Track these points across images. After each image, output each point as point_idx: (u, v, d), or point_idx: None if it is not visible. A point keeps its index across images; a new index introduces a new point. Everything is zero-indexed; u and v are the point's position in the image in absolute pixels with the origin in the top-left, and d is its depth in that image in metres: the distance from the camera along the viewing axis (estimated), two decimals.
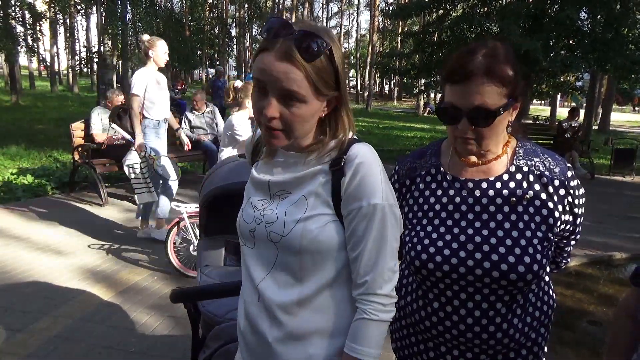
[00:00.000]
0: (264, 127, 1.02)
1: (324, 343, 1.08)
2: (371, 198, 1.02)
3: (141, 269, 4.04)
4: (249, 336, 1.15)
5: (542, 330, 1.31)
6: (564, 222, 1.25)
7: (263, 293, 1.09)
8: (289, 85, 0.96)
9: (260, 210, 1.11)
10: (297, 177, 1.08)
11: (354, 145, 1.06)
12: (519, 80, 1.17)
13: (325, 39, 0.98)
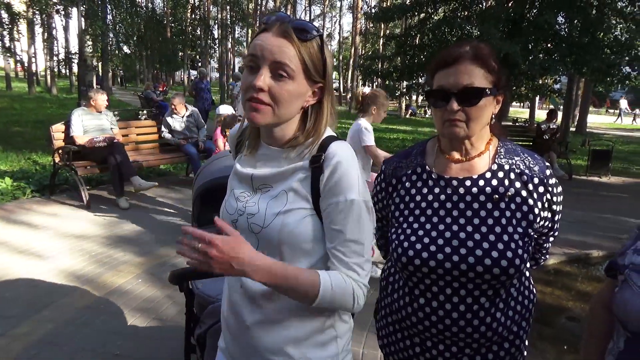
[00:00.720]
0: (249, 102, 1.06)
1: (300, 326, 1.15)
2: (348, 194, 1.08)
3: (125, 271, 4.00)
4: (231, 321, 1.22)
5: (524, 323, 1.35)
6: (543, 219, 1.31)
7: (245, 281, 1.14)
8: (282, 58, 1.03)
9: (242, 202, 1.17)
10: (279, 172, 1.13)
11: (332, 144, 1.11)
12: (502, 75, 1.24)
13: (317, 30, 1.07)
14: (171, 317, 3.28)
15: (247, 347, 1.18)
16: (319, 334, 1.17)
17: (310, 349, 1.16)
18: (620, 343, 1.06)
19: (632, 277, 1.04)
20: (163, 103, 16.63)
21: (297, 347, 1.15)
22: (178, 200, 6.38)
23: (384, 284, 1.48)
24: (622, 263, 1.11)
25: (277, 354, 1.15)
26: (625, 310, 1.02)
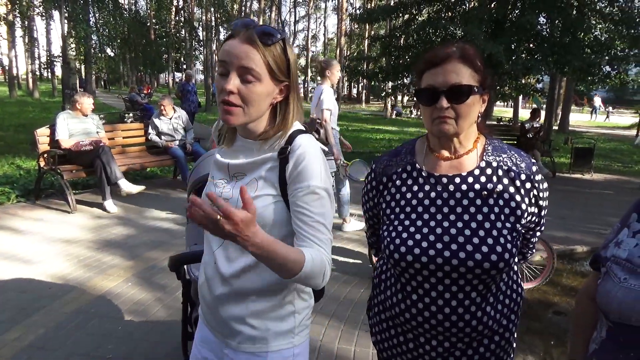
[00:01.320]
0: (222, 103, 1.17)
1: (261, 301, 1.30)
2: (311, 181, 1.20)
3: (114, 275, 3.98)
4: (204, 290, 1.38)
5: (513, 317, 1.39)
6: (530, 214, 1.34)
7: (217, 259, 1.31)
8: (248, 63, 1.14)
9: (220, 188, 1.31)
10: (251, 162, 1.27)
11: (298, 137, 1.24)
12: (487, 75, 1.29)
13: (280, 33, 1.18)
14: (162, 319, 3.28)
15: (218, 316, 1.34)
16: (278, 308, 1.32)
17: (270, 321, 1.31)
18: (602, 332, 1.10)
19: (613, 269, 1.08)
20: (148, 106, 16.53)
21: (258, 319, 1.30)
22: (165, 203, 6.35)
23: (377, 281, 1.50)
24: (605, 255, 1.16)
25: (241, 323, 1.31)
26: (606, 300, 1.05)
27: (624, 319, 1.00)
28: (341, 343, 3.07)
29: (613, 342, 1.05)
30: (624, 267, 1.06)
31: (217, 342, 1.39)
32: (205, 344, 1.43)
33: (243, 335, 1.31)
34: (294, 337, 1.35)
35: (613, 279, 1.06)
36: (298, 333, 1.36)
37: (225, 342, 1.35)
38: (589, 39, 10.82)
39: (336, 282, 3.99)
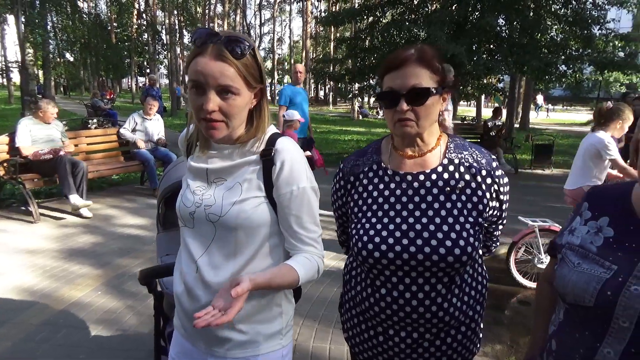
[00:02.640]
0: (204, 121, 1.17)
1: (249, 304, 1.27)
2: (300, 182, 1.25)
3: (83, 285, 3.89)
4: (184, 299, 1.34)
5: (478, 307, 1.44)
6: (492, 208, 1.40)
7: (201, 268, 1.28)
8: (225, 81, 1.13)
9: (199, 195, 1.29)
10: (232, 166, 1.27)
11: (280, 139, 1.28)
12: (447, 75, 1.34)
13: (248, 41, 1.18)
14: (134, 327, 3.23)
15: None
16: (267, 310, 1.32)
17: (259, 324, 1.31)
18: (560, 314, 1.17)
19: (567, 255, 1.15)
20: (112, 111, 16.14)
21: (247, 323, 1.30)
22: (133, 209, 6.24)
23: (347, 278, 1.54)
24: (560, 242, 1.22)
25: (230, 329, 1.29)
26: (563, 284, 1.11)
27: (578, 300, 1.06)
28: (316, 342, 3.11)
29: (569, 323, 1.12)
30: (577, 252, 1.13)
31: (199, 352, 1.36)
32: (185, 357, 1.40)
33: (232, 341, 1.30)
34: (282, 338, 1.36)
35: (568, 264, 1.12)
36: (285, 334, 1.37)
37: (210, 352, 1.33)
38: (546, 40, 11.25)
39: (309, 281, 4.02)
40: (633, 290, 0.99)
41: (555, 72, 10.89)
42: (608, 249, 1.08)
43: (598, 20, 10.75)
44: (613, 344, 1.01)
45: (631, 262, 1.03)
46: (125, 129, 7.01)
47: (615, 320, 1.00)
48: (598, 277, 1.04)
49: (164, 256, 2.30)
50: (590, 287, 1.04)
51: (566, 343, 1.11)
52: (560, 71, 10.88)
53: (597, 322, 1.04)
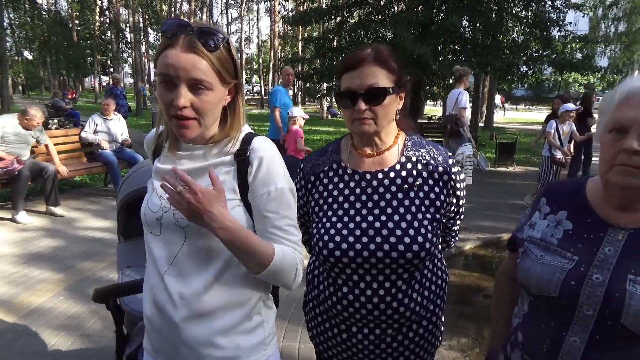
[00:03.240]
0: (174, 118, 1.08)
1: (228, 316, 1.19)
2: (277, 183, 1.16)
3: (44, 290, 3.76)
4: (155, 319, 1.22)
5: (439, 301, 1.48)
6: (449, 204, 1.43)
7: (169, 278, 1.17)
8: (197, 75, 1.05)
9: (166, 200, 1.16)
10: (204, 167, 1.17)
11: (255, 139, 1.19)
12: (402, 74, 1.36)
13: (222, 33, 1.09)
14: (98, 332, 3.15)
15: (177, 343, 1.19)
16: (246, 321, 1.22)
17: (239, 337, 1.21)
18: (524, 306, 1.20)
19: (530, 248, 1.19)
20: (73, 111, 15.66)
21: (227, 337, 1.19)
22: (96, 212, 6.07)
23: (310, 277, 1.54)
24: (521, 237, 1.26)
25: (208, 346, 1.18)
26: (527, 276, 1.15)
27: (543, 291, 1.10)
28: (285, 341, 3.11)
29: (535, 314, 1.15)
30: (539, 245, 1.17)
31: None
32: None
33: (211, 358, 1.19)
34: (266, 348, 1.27)
35: (531, 257, 1.16)
36: (269, 343, 1.28)
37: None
38: (508, 41, 11.58)
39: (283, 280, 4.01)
40: (595, 279, 1.04)
41: (517, 73, 11.22)
42: (568, 241, 1.13)
43: (557, 22, 11.14)
44: (578, 332, 1.04)
45: (591, 252, 1.08)
46: (86, 132, 6.82)
47: (580, 309, 1.04)
48: (561, 268, 1.08)
49: (124, 268, 2.20)
50: (555, 278, 1.08)
51: (532, 334, 1.14)
52: (521, 71, 11.22)
53: (562, 311, 1.07)
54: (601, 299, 1.02)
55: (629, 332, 0.99)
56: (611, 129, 1.04)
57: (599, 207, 1.14)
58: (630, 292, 0.99)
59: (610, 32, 32.24)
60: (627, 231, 1.08)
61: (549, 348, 1.08)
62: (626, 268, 1.03)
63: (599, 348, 1.02)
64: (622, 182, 1.02)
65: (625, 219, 1.09)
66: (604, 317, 1.01)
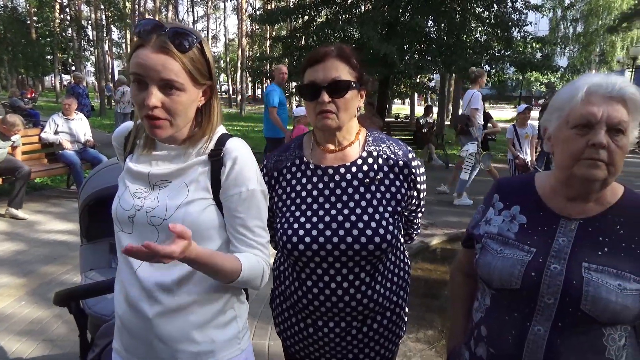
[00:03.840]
0: (146, 118, 1.09)
1: (202, 311, 1.21)
2: (249, 184, 1.18)
3: (4, 295, 3.64)
4: (128, 317, 1.22)
5: (402, 293, 1.52)
6: (410, 197, 1.47)
7: (142, 276, 1.17)
8: (168, 75, 1.06)
9: (140, 199, 1.19)
10: (179, 169, 1.19)
11: (230, 140, 1.21)
12: (364, 73, 1.41)
13: (195, 34, 1.10)
14: (62, 337, 3.08)
15: (150, 340, 1.20)
16: (220, 315, 1.24)
17: (213, 331, 1.22)
18: (486, 300, 1.23)
19: (488, 244, 1.23)
20: (33, 111, 15.10)
21: (201, 332, 1.21)
22: (59, 214, 5.91)
23: (276, 273, 1.57)
24: (478, 233, 1.30)
25: (183, 341, 1.19)
26: (488, 271, 1.18)
27: (505, 284, 1.14)
28: (255, 339, 3.11)
29: (498, 308, 1.19)
30: (497, 240, 1.22)
31: None
32: None
33: (185, 353, 1.20)
34: (240, 342, 1.29)
35: (491, 252, 1.20)
36: (242, 337, 1.30)
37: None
38: (471, 41, 11.84)
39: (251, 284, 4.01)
40: (553, 269, 1.09)
41: None
42: (524, 234, 1.18)
43: (517, 23, 11.47)
44: (542, 321, 1.09)
45: (546, 243, 1.14)
46: (46, 133, 6.62)
47: (541, 299, 1.09)
48: (521, 260, 1.13)
49: (87, 271, 2.16)
50: (516, 270, 1.12)
51: (497, 327, 1.17)
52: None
53: (524, 302, 1.12)
54: (561, 287, 1.07)
55: (589, 317, 1.05)
56: (576, 124, 1.08)
57: (550, 200, 1.20)
58: (587, 280, 1.05)
59: (569, 33, 33.47)
60: (577, 221, 1.14)
61: (514, 339, 1.12)
62: (580, 256, 1.09)
63: (562, 335, 1.07)
64: (588, 175, 1.07)
65: (574, 210, 1.16)
66: (565, 304, 1.07)
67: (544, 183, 1.24)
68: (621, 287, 1.04)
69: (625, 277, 1.05)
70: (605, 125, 1.05)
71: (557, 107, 1.15)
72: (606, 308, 1.03)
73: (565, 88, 1.15)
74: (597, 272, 1.07)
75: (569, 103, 1.11)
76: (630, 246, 1.09)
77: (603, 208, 1.15)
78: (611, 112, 1.05)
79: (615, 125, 1.05)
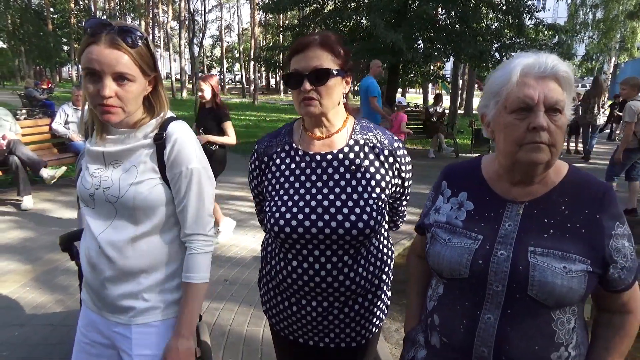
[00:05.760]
0: (100, 107, 1.23)
1: (154, 274, 1.37)
2: (189, 163, 1.32)
3: (10, 281, 3.76)
4: (89, 275, 1.41)
5: (384, 277, 1.55)
6: (394, 185, 1.51)
7: (101, 241, 1.33)
8: (121, 69, 1.20)
9: (97, 178, 1.34)
10: (127, 149, 1.33)
11: (171, 124, 1.34)
12: (348, 60, 1.43)
13: (140, 31, 1.23)
14: (64, 321, 3.17)
15: (106, 297, 1.37)
16: (169, 281, 1.40)
17: (162, 294, 1.39)
18: (439, 289, 1.23)
19: (438, 233, 1.23)
20: (48, 102, 15.35)
21: (151, 292, 1.38)
22: (68, 203, 6.04)
23: (263, 254, 1.62)
24: (428, 222, 1.30)
25: (134, 298, 1.36)
26: (438, 260, 1.18)
27: (454, 274, 1.14)
28: (250, 326, 3.17)
29: (449, 297, 1.19)
30: (445, 229, 1.21)
31: (104, 322, 1.42)
32: (91, 327, 1.46)
33: (135, 309, 1.36)
34: None
35: (439, 241, 1.20)
36: None
37: (113, 321, 1.39)
38: (481, 28, 11.65)
39: (247, 269, 4.07)
40: (500, 255, 1.09)
41: (490, 59, 11.33)
42: (471, 221, 1.17)
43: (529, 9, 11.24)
44: (491, 309, 1.09)
45: (493, 229, 1.13)
46: (57, 123, 6.76)
47: (490, 286, 1.09)
48: (468, 248, 1.13)
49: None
50: (463, 259, 1.12)
51: (449, 317, 1.18)
52: (496, 58, 11.33)
53: (474, 291, 1.11)
54: (507, 274, 1.06)
55: (536, 302, 1.05)
56: (515, 109, 1.06)
57: (496, 185, 1.19)
58: (532, 264, 1.05)
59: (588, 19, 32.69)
60: (523, 205, 1.13)
61: (465, 328, 1.12)
62: (526, 241, 1.09)
63: (512, 322, 1.07)
64: (533, 159, 1.06)
65: (519, 193, 1.15)
66: (512, 291, 1.06)
67: (490, 167, 1.23)
68: (566, 269, 1.04)
69: (570, 259, 1.05)
70: (544, 106, 1.04)
71: (493, 92, 1.12)
72: (552, 292, 1.03)
73: (498, 71, 1.12)
74: (542, 255, 1.06)
75: (504, 87, 1.08)
76: (575, 225, 1.09)
77: (547, 189, 1.14)
78: (547, 92, 1.04)
79: (553, 105, 1.04)
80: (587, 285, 1.05)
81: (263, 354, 2.87)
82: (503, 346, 1.08)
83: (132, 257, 1.33)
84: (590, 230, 1.08)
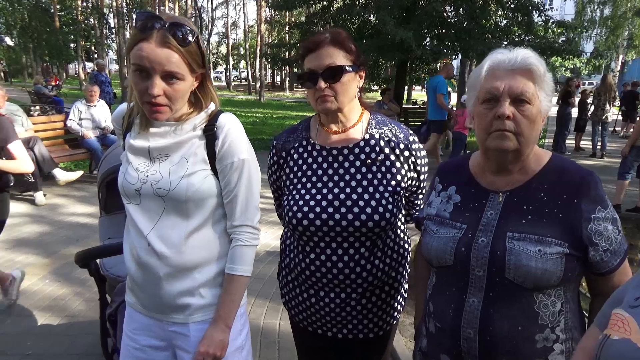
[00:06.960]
0: (147, 105, 1.22)
1: (207, 268, 1.37)
2: (240, 154, 1.33)
3: (30, 274, 3.82)
4: (138, 275, 1.37)
5: (401, 269, 1.59)
6: (410, 179, 1.54)
7: (152, 240, 1.31)
8: (171, 68, 1.19)
9: (143, 172, 1.32)
10: (176, 142, 1.32)
11: (222, 115, 1.34)
12: (360, 55, 1.47)
13: (192, 27, 1.22)
14: (83, 313, 3.25)
15: (160, 296, 1.36)
16: (220, 275, 1.39)
17: (218, 288, 1.39)
18: (433, 278, 1.32)
19: (428, 225, 1.31)
20: (57, 98, 15.48)
21: (206, 288, 1.37)
22: (82, 198, 6.12)
23: (282, 247, 1.66)
24: (422, 216, 1.39)
25: (190, 295, 1.36)
26: (427, 250, 1.27)
27: (441, 262, 1.22)
28: (267, 318, 3.23)
29: (440, 284, 1.27)
30: (435, 221, 1.29)
31: (157, 324, 1.40)
32: (143, 332, 1.43)
33: (192, 307, 1.36)
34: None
35: (429, 233, 1.28)
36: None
37: (170, 321, 1.38)
38: (490, 25, 11.61)
39: (261, 262, 4.13)
40: (480, 242, 1.16)
41: None
42: (458, 213, 1.25)
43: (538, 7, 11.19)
44: (475, 293, 1.16)
45: (476, 219, 1.21)
46: (72, 121, 6.84)
47: (472, 272, 1.16)
48: (453, 237, 1.21)
49: (105, 240, 2.31)
50: (448, 247, 1.20)
51: (440, 303, 1.25)
52: None
53: (459, 277, 1.19)
54: (487, 259, 1.14)
55: (516, 285, 1.11)
56: (484, 100, 1.14)
57: (481, 177, 1.27)
58: (509, 249, 1.12)
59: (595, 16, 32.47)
60: (504, 194, 1.20)
61: (453, 312, 1.20)
62: (505, 227, 1.16)
63: (494, 304, 1.14)
64: (498, 146, 1.13)
65: (501, 183, 1.22)
66: (492, 275, 1.13)
67: (476, 161, 1.30)
68: (541, 252, 1.09)
69: (546, 242, 1.10)
70: (509, 97, 1.11)
71: (471, 86, 1.21)
72: (528, 274, 1.09)
73: (477, 68, 1.21)
74: (519, 240, 1.12)
75: (477, 80, 1.17)
76: (553, 211, 1.14)
77: (527, 177, 1.20)
78: (513, 83, 1.11)
79: (518, 96, 1.11)
80: (564, 267, 1.10)
81: (280, 346, 2.92)
82: (487, 327, 1.14)
83: (186, 252, 1.32)
84: (568, 214, 1.13)
